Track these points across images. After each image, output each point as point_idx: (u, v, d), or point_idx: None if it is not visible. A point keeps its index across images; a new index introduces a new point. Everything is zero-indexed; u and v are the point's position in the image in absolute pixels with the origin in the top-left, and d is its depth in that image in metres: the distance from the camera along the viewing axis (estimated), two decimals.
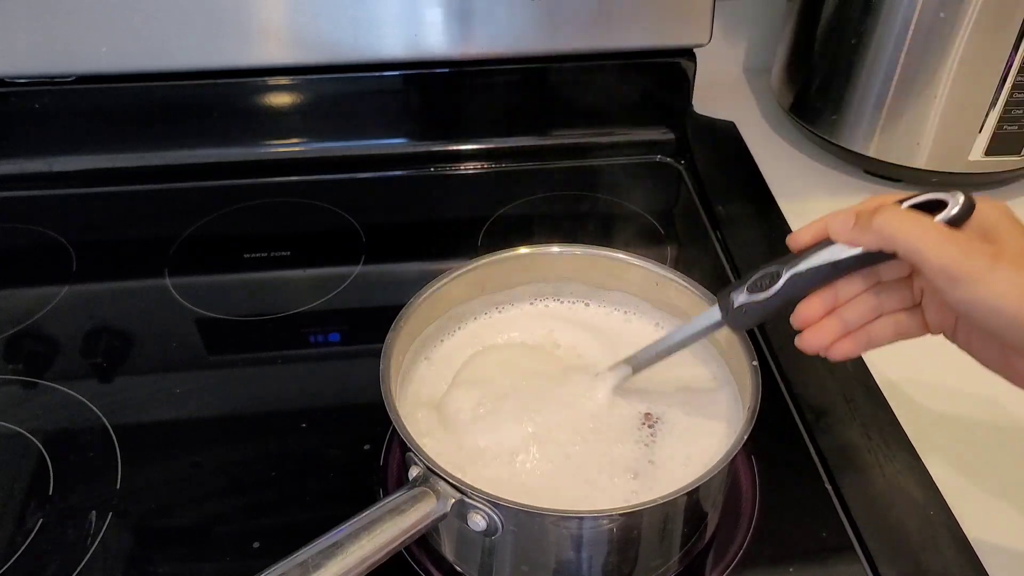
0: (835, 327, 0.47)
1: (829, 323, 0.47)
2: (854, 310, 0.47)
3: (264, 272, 0.76)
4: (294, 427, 0.61)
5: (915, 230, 0.42)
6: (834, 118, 0.83)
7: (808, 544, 0.54)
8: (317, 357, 0.69)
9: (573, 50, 0.84)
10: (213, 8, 0.77)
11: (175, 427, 0.62)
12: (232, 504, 0.57)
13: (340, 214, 0.81)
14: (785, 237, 0.49)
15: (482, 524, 0.45)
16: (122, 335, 0.70)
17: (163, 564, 0.53)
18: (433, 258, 0.77)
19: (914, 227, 0.42)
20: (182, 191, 0.85)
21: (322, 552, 0.43)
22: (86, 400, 0.63)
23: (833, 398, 0.61)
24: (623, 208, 0.82)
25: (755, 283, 0.48)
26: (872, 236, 0.43)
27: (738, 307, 0.48)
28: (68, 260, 0.76)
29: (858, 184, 0.84)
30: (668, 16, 0.83)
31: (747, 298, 0.48)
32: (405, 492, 0.46)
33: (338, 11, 0.78)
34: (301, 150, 0.87)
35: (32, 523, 0.55)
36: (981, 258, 0.41)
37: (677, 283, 0.58)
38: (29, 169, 0.84)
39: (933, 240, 0.41)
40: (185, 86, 0.82)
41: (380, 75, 0.84)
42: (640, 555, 0.49)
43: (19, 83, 0.80)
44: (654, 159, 0.90)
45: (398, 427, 0.47)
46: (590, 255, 0.61)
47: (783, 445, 0.60)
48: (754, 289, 0.48)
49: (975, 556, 0.52)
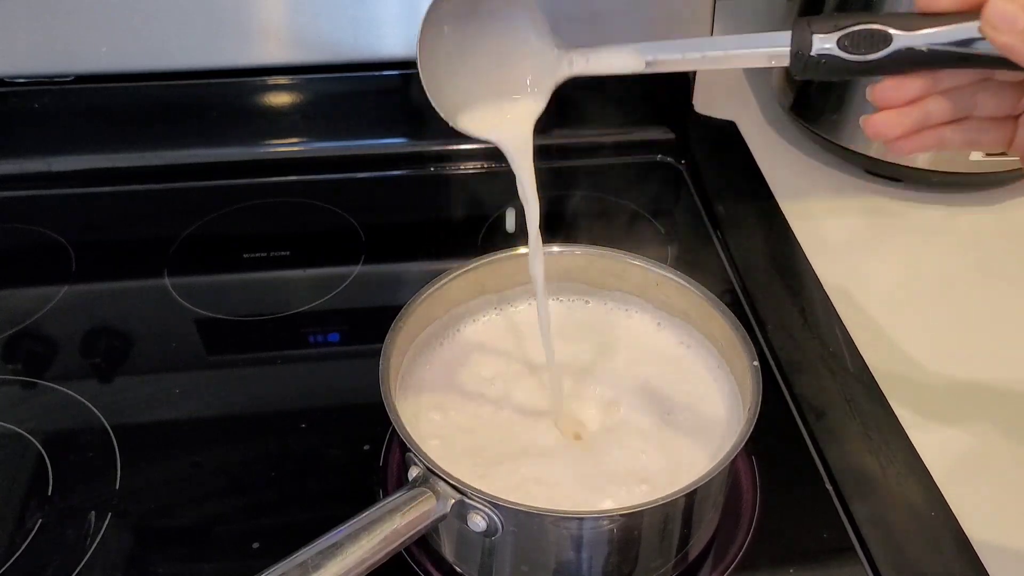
0: (915, 119, 0.40)
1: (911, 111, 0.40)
2: (943, 105, 0.40)
3: (264, 272, 0.76)
4: (294, 427, 0.61)
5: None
6: (835, 117, 0.83)
7: (809, 545, 0.54)
8: (317, 357, 0.69)
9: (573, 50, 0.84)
10: (213, 8, 0.77)
11: (175, 427, 0.62)
12: (232, 504, 0.57)
13: (340, 214, 0.81)
14: (786, 237, 0.48)
15: (482, 525, 0.45)
16: (122, 335, 0.69)
17: (163, 564, 0.53)
18: (433, 258, 0.77)
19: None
20: (182, 191, 0.84)
21: (322, 552, 0.43)
22: (86, 400, 0.63)
23: (833, 398, 0.61)
24: (623, 208, 0.82)
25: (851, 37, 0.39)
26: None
27: (817, 55, 0.39)
28: (68, 260, 0.76)
29: (859, 184, 0.84)
30: (668, 16, 0.83)
31: (833, 49, 0.39)
32: (405, 492, 0.46)
33: (338, 11, 0.78)
34: (300, 150, 0.87)
35: (31, 523, 0.55)
36: None
37: (677, 283, 0.58)
38: (28, 169, 0.84)
39: None
40: (185, 86, 0.82)
41: (380, 75, 0.84)
42: (640, 555, 0.49)
43: (19, 83, 0.80)
44: (654, 159, 0.90)
45: (398, 427, 0.47)
46: (590, 255, 0.61)
47: (783, 445, 0.60)
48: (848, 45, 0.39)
49: (976, 557, 0.52)
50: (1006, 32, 0.35)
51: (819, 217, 0.80)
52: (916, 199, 0.82)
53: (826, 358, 0.64)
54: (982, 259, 0.76)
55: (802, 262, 0.73)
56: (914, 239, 0.79)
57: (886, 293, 0.72)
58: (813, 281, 0.71)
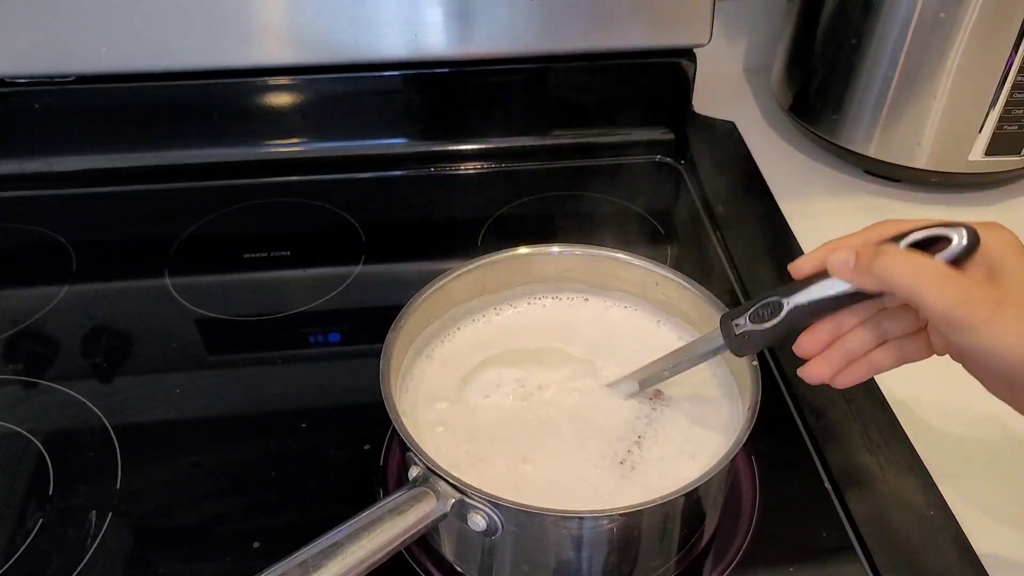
0: (838, 357, 0.47)
1: (832, 353, 0.47)
2: (857, 338, 0.46)
3: (264, 272, 0.76)
4: (294, 427, 0.61)
5: (915, 276, 0.41)
6: (834, 118, 0.83)
7: (808, 544, 0.54)
8: (317, 357, 0.69)
9: (573, 50, 0.84)
10: (213, 8, 0.77)
11: (175, 427, 0.62)
12: (232, 504, 0.57)
13: (340, 214, 0.81)
14: (785, 237, 0.49)
15: (482, 524, 0.45)
16: (122, 335, 0.69)
17: (163, 564, 0.53)
18: (433, 258, 0.77)
19: (915, 272, 0.41)
20: (182, 191, 0.84)
21: (322, 552, 0.43)
22: (86, 400, 0.63)
23: (833, 398, 0.61)
24: (623, 208, 0.82)
25: (757, 311, 0.48)
26: (871, 279, 0.43)
27: (740, 334, 0.49)
28: (68, 260, 0.76)
29: (858, 184, 0.84)
30: (668, 16, 0.83)
31: (749, 326, 0.48)
32: (405, 492, 0.46)
33: (338, 11, 0.78)
34: (301, 150, 0.87)
35: (32, 523, 0.55)
36: (982, 305, 0.40)
37: (677, 283, 0.58)
38: (29, 169, 0.84)
39: (933, 286, 0.40)
40: (185, 86, 0.82)
41: (380, 75, 0.84)
42: (640, 555, 0.49)
43: (19, 83, 0.80)
44: (654, 159, 0.90)
45: (398, 427, 0.47)
46: (590, 255, 0.61)
47: (783, 445, 0.60)
48: (756, 318, 0.48)
49: (975, 557, 0.52)
50: (847, 273, 0.43)
51: (818, 217, 0.80)
52: (915, 199, 0.82)
53: None
54: None
55: None
56: None
57: None
58: None
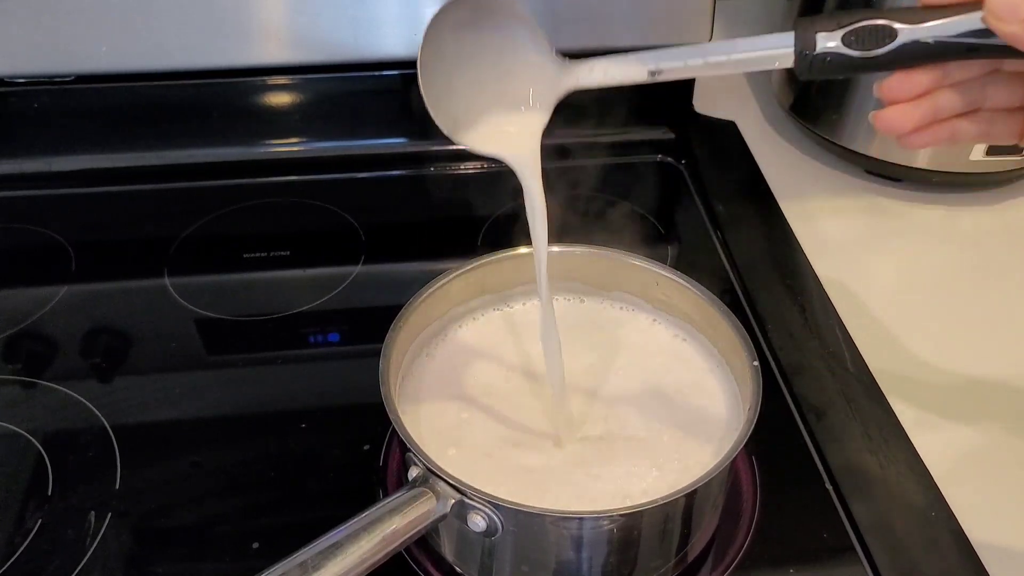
0: (925, 112, 0.40)
1: (920, 106, 0.40)
2: (953, 98, 0.40)
3: (264, 272, 0.76)
4: (294, 427, 0.61)
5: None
6: (835, 118, 0.83)
7: (809, 545, 0.54)
8: (317, 357, 0.69)
9: (573, 50, 0.84)
10: (213, 8, 0.77)
11: (175, 427, 0.62)
12: (232, 504, 0.57)
13: (339, 214, 0.81)
14: (786, 237, 0.48)
15: (482, 524, 0.45)
16: (121, 335, 0.69)
17: (163, 564, 0.53)
18: (433, 258, 0.77)
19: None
20: (182, 191, 0.84)
21: (322, 552, 0.43)
22: (85, 400, 0.63)
23: (833, 398, 0.61)
24: (623, 208, 0.82)
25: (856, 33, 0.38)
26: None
27: (821, 53, 0.39)
28: (67, 260, 0.76)
29: (859, 184, 0.84)
30: (668, 16, 0.83)
31: (839, 47, 0.39)
32: (405, 492, 0.46)
33: (338, 11, 0.78)
34: (300, 150, 0.87)
35: (31, 523, 0.55)
36: None
37: (677, 283, 0.58)
38: (28, 169, 0.84)
39: None
40: (185, 86, 0.82)
41: (380, 75, 0.84)
42: (640, 555, 0.49)
43: (18, 83, 0.80)
44: (654, 159, 0.90)
45: (398, 427, 0.47)
46: (590, 255, 0.61)
47: (783, 445, 0.60)
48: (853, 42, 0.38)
49: (976, 557, 0.52)
50: (1010, 21, 0.35)
51: (819, 217, 0.80)
52: (916, 199, 0.82)
53: (826, 358, 0.64)
54: (982, 259, 0.76)
55: (802, 262, 0.73)
56: (914, 239, 0.79)
57: (886, 293, 0.72)
58: (813, 281, 0.71)
